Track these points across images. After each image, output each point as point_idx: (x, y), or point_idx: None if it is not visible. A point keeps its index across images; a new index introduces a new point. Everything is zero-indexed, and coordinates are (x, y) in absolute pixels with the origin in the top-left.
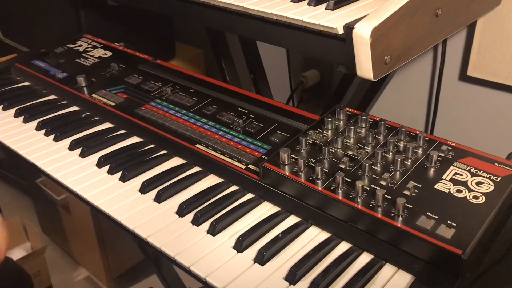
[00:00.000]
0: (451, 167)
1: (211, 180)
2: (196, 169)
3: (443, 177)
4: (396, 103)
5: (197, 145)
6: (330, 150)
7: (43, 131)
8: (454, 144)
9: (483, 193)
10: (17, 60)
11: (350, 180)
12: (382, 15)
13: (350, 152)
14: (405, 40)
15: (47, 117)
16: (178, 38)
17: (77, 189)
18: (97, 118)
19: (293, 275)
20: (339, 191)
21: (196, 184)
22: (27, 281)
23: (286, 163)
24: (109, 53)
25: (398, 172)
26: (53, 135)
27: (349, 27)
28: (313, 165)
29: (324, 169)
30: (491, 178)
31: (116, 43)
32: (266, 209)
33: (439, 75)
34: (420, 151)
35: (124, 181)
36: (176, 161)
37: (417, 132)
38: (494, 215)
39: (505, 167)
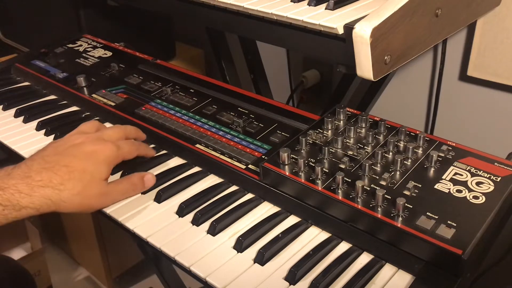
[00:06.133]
0: (451, 167)
1: (211, 180)
2: (196, 169)
3: (443, 177)
4: (396, 103)
5: (197, 145)
6: (330, 150)
7: (43, 131)
8: (454, 144)
9: (483, 193)
10: (17, 60)
11: (350, 180)
12: (382, 15)
13: (350, 152)
14: (405, 40)
15: (47, 117)
16: (178, 38)
17: None
18: (97, 118)
19: (293, 275)
20: (339, 191)
21: (196, 184)
22: (30, 281)
23: (286, 163)
24: (109, 53)
25: (398, 172)
26: (53, 135)
27: (349, 27)
28: (313, 165)
29: (324, 169)
30: (491, 178)
31: (116, 43)
32: (266, 209)
33: (439, 75)
34: (420, 151)
35: None
36: (176, 161)
37: (417, 132)
38: (494, 215)
39: (505, 167)
